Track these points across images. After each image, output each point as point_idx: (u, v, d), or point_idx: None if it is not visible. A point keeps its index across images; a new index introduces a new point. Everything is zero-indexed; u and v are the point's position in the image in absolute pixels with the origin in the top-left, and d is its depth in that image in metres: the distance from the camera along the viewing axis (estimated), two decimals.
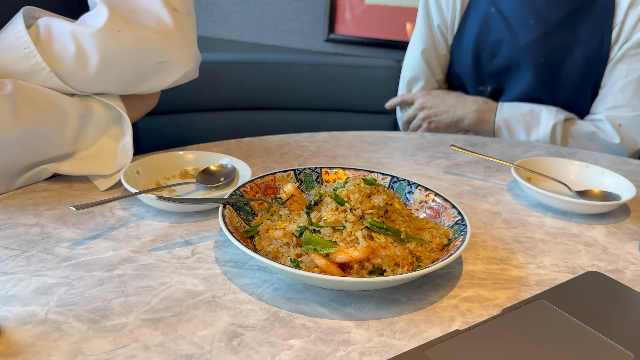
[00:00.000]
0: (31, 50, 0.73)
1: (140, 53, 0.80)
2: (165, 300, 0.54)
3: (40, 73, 0.75)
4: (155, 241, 0.65)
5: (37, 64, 0.74)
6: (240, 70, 1.56)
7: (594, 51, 1.22)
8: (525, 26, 1.24)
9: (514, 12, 1.25)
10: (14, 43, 0.74)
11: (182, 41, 0.84)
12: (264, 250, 0.61)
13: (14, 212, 0.70)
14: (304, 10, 1.96)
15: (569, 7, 1.21)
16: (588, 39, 1.21)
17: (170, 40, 0.82)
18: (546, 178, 0.87)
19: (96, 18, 0.77)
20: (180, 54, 0.84)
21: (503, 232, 0.73)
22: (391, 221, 0.62)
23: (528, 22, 1.24)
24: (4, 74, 0.74)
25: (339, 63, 1.61)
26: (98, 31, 0.76)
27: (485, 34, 1.30)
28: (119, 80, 0.81)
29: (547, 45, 1.24)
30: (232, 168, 0.81)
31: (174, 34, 0.82)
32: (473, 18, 1.32)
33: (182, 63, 0.85)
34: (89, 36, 0.76)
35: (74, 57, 0.76)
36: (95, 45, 0.76)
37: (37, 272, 0.57)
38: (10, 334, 0.48)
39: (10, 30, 0.75)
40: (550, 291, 0.58)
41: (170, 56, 0.83)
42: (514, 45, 1.26)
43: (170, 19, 0.81)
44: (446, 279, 0.60)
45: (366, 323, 0.53)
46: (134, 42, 0.79)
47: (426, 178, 0.90)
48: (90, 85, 0.79)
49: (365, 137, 1.10)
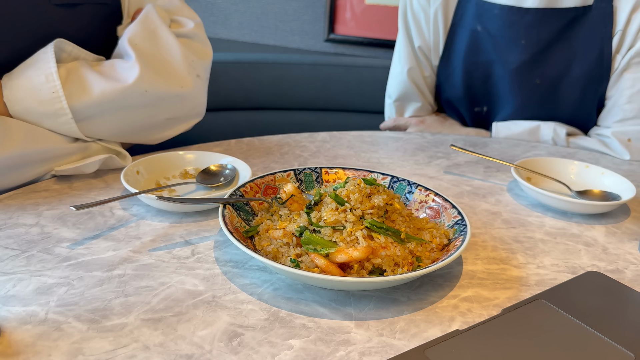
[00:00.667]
0: (59, 96, 0.74)
1: (155, 108, 0.84)
2: (165, 300, 0.54)
3: (61, 118, 0.76)
4: (155, 241, 0.65)
5: (61, 109, 0.75)
6: (240, 70, 1.55)
7: (594, 63, 1.13)
8: (516, 47, 1.15)
9: (502, 31, 1.16)
10: (43, 85, 0.74)
11: (194, 104, 0.89)
12: (264, 250, 0.61)
13: (14, 212, 0.70)
14: (304, 10, 1.96)
15: (563, 20, 1.12)
16: (586, 51, 1.13)
17: (184, 103, 0.87)
18: (546, 178, 0.87)
19: (128, 72, 0.80)
20: (188, 114, 0.90)
21: (503, 232, 0.73)
22: (391, 221, 0.62)
23: (519, 42, 1.14)
24: (24, 112, 0.74)
25: (339, 63, 1.61)
26: (127, 88, 0.79)
27: (474, 54, 1.21)
28: (128, 130, 0.84)
29: (542, 64, 1.15)
30: (232, 168, 0.81)
31: (191, 98, 0.88)
32: (460, 37, 1.23)
33: (187, 122, 0.91)
34: (119, 91, 0.78)
35: (98, 109, 0.77)
36: (121, 100, 0.79)
37: (37, 272, 0.57)
38: (10, 334, 0.48)
39: (40, 69, 0.75)
40: (550, 291, 0.58)
41: (179, 114, 0.88)
42: (506, 68, 1.17)
43: (192, 84, 0.87)
44: (446, 279, 0.60)
45: (366, 323, 0.53)
46: (155, 99, 0.82)
47: (426, 178, 0.90)
48: (99, 133, 0.82)
49: (365, 137, 1.10)
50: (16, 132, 0.72)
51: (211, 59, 0.93)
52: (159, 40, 0.84)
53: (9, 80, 0.75)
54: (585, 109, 1.18)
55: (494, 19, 1.16)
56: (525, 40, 1.14)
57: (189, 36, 0.90)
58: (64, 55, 0.79)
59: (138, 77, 0.79)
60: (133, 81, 0.79)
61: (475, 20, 1.19)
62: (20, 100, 0.74)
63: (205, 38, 0.94)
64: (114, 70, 0.80)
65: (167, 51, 0.84)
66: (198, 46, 0.91)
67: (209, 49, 0.93)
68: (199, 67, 0.89)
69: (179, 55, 0.85)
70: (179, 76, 0.85)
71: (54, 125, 0.76)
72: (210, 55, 0.93)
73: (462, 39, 1.22)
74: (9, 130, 0.72)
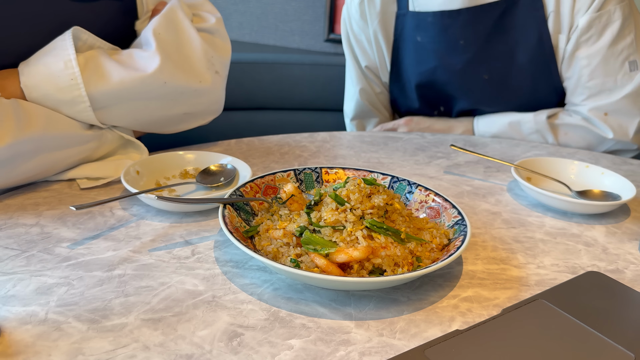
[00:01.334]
0: (78, 83, 0.74)
1: (173, 102, 0.84)
2: (165, 300, 0.54)
3: (79, 105, 0.75)
4: (155, 241, 0.65)
5: (79, 97, 0.75)
6: (240, 70, 1.55)
7: (535, 48, 1.14)
8: (456, 49, 1.17)
9: (439, 36, 1.17)
10: (62, 72, 0.74)
11: (212, 100, 0.89)
12: (264, 250, 0.61)
13: (14, 212, 0.70)
14: (304, 10, 1.96)
15: (495, 13, 1.13)
16: (525, 38, 1.14)
17: (202, 99, 0.87)
18: (546, 178, 0.87)
19: (147, 61, 0.79)
20: (205, 110, 0.90)
21: (503, 232, 0.73)
22: (391, 221, 0.62)
23: (458, 43, 1.16)
24: (41, 99, 0.74)
25: (339, 63, 1.61)
26: (147, 77, 0.78)
27: (419, 64, 1.22)
28: (144, 120, 0.84)
29: (486, 60, 1.17)
30: (232, 168, 0.81)
31: (209, 94, 0.88)
32: (404, 51, 1.24)
33: (203, 118, 0.91)
34: (138, 81, 0.78)
35: (116, 98, 0.77)
36: (140, 90, 0.78)
37: (37, 272, 0.57)
38: (10, 334, 0.48)
39: (59, 55, 0.74)
40: (550, 291, 0.58)
41: (196, 109, 0.88)
42: (451, 71, 1.19)
43: (210, 80, 0.86)
44: (446, 279, 0.60)
45: (366, 323, 0.53)
46: (173, 93, 0.82)
47: (426, 178, 0.90)
48: (115, 122, 0.81)
49: (365, 137, 1.10)
50: (36, 116, 0.72)
51: (230, 56, 0.93)
52: (181, 34, 0.84)
53: (26, 66, 0.74)
54: (540, 94, 1.20)
55: (429, 27, 1.18)
56: (464, 41, 1.16)
57: (210, 31, 0.90)
58: (79, 43, 0.78)
59: (158, 67, 0.79)
60: (153, 71, 0.78)
61: (414, 32, 1.21)
62: (37, 87, 0.73)
63: (225, 34, 0.94)
64: (133, 60, 0.80)
65: (188, 45, 0.84)
66: (218, 42, 0.91)
67: (228, 45, 0.93)
68: (218, 64, 0.89)
69: (200, 51, 0.85)
70: (198, 71, 0.85)
71: (71, 113, 0.76)
72: (229, 52, 0.93)
73: (407, 52, 1.24)
74: (31, 113, 0.72)
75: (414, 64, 1.23)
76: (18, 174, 0.72)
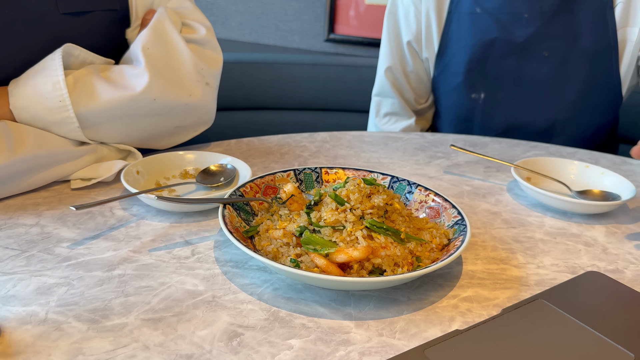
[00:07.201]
0: (66, 105, 0.74)
1: (163, 117, 0.83)
2: (165, 300, 0.54)
3: (68, 126, 0.75)
4: (155, 241, 0.65)
5: (67, 118, 0.75)
6: (240, 70, 1.56)
7: (599, 35, 1.12)
8: (519, 21, 1.16)
9: (503, 8, 1.16)
10: (50, 93, 0.73)
11: (202, 113, 0.89)
12: (264, 250, 0.61)
13: (14, 212, 0.70)
14: (304, 10, 1.96)
15: None
16: (591, 22, 1.12)
17: (192, 112, 0.87)
18: (546, 178, 0.87)
19: (136, 79, 0.79)
20: (196, 122, 0.89)
21: (503, 232, 0.73)
22: (391, 221, 0.62)
23: (522, 16, 1.15)
24: (30, 120, 0.74)
25: (339, 63, 1.61)
26: (136, 96, 0.78)
27: (473, 36, 1.21)
28: (135, 136, 0.84)
29: (548, 37, 1.15)
30: (232, 168, 0.81)
31: (199, 107, 0.87)
32: (456, 24, 1.23)
33: (195, 130, 0.91)
34: (127, 99, 0.77)
35: (105, 116, 0.77)
36: (129, 108, 0.78)
37: (37, 272, 0.57)
38: (10, 334, 0.48)
39: (48, 76, 0.74)
40: (550, 291, 0.58)
41: (187, 123, 0.87)
42: (512, 43, 1.17)
43: (200, 94, 0.86)
44: (446, 279, 0.60)
45: (366, 323, 0.53)
46: (163, 108, 0.82)
47: (426, 178, 0.90)
48: (106, 139, 0.81)
49: (365, 137, 1.10)
50: (27, 136, 0.72)
51: (221, 66, 0.92)
52: (169, 47, 0.83)
53: (15, 87, 0.74)
54: (595, 86, 1.17)
55: None
56: (529, 14, 1.15)
57: (200, 43, 0.89)
58: (72, 59, 0.78)
59: (147, 85, 0.78)
60: (141, 89, 0.78)
61: (474, 3, 1.20)
62: (27, 108, 0.73)
63: (216, 44, 0.92)
64: (123, 78, 0.79)
65: (177, 59, 0.83)
66: (209, 53, 0.90)
67: (219, 55, 0.92)
68: (209, 75, 0.88)
69: (189, 63, 0.84)
70: (188, 85, 0.84)
71: (62, 132, 0.76)
72: (220, 62, 0.92)
73: (459, 25, 1.23)
74: (21, 134, 0.72)
75: (469, 36, 1.22)
76: (14, 190, 0.73)
